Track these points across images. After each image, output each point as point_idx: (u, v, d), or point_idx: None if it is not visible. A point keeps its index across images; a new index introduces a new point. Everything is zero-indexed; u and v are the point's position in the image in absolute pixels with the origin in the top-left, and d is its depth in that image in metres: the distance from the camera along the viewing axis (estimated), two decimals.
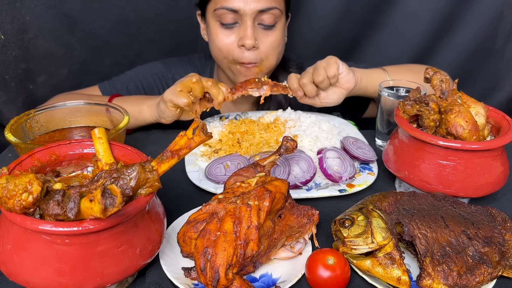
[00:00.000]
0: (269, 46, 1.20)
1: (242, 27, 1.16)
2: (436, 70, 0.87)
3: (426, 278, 0.64)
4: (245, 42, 1.15)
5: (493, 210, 0.76)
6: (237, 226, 0.64)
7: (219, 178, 0.92)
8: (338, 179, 0.92)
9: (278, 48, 1.23)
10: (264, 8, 1.14)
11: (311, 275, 0.66)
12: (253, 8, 1.13)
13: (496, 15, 1.54)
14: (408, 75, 1.18)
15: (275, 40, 1.21)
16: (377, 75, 1.19)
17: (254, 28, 1.16)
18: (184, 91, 1.00)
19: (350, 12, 1.58)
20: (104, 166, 0.67)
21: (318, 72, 1.06)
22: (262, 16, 1.16)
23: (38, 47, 1.42)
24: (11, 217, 0.55)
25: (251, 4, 1.13)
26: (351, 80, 1.10)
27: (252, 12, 1.14)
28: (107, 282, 0.59)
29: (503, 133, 0.83)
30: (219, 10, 1.15)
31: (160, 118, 1.08)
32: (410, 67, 1.28)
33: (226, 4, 1.14)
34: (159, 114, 1.07)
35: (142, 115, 1.12)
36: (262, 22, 1.17)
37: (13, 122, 0.88)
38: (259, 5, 1.13)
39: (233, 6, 1.13)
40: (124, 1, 1.49)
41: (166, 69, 1.36)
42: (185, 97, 0.99)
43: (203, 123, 0.65)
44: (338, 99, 1.13)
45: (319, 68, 1.06)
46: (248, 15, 1.14)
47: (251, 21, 1.15)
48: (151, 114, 1.10)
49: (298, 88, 1.09)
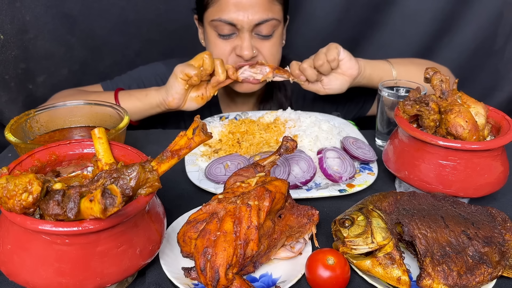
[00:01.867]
0: (267, 53, 1.21)
1: (239, 38, 1.16)
2: (436, 70, 0.87)
3: (426, 278, 0.64)
4: (243, 53, 1.16)
5: (493, 210, 0.76)
6: (237, 226, 0.64)
7: (219, 178, 0.92)
8: (338, 179, 0.92)
9: (276, 54, 1.25)
10: (262, 21, 1.14)
11: (311, 275, 0.66)
12: (250, 21, 1.13)
13: (496, 15, 1.54)
14: (412, 68, 1.19)
15: (272, 48, 1.21)
16: (381, 65, 1.20)
17: (251, 39, 1.16)
18: (195, 64, 1.05)
19: (350, 12, 1.58)
20: (104, 166, 0.67)
21: (318, 57, 1.08)
22: (259, 28, 1.16)
23: (38, 47, 1.42)
24: (11, 217, 0.55)
25: (248, 17, 1.12)
26: (353, 66, 1.10)
27: (249, 25, 1.13)
28: (107, 282, 0.59)
29: (503, 133, 0.83)
30: (215, 22, 1.15)
31: (167, 96, 1.10)
32: (414, 61, 1.29)
33: (223, 16, 1.13)
34: (166, 92, 1.09)
35: (148, 98, 1.13)
36: (260, 32, 1.17)
37: (13, 122, 0.88)
38: (256, 17, 1.13)
39: (230, 19, 1.13)
40: (124, 1, 1.49)
41: (168, 70, 1.35)
42: (195, 69, 1.04)
43: (203, 123, 0.65)
44: (341, 86, 1.14)
45: (320, 53, 1.08)
46: (245, 28, 1.14)
47: (248, 33, 1.15)
48: (158, 94, 1.12)
49: (300, 73, 1.11)
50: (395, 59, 1.25)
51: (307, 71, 1.10)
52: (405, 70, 1.17)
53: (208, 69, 1.05)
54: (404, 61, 1.26)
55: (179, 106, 1.12)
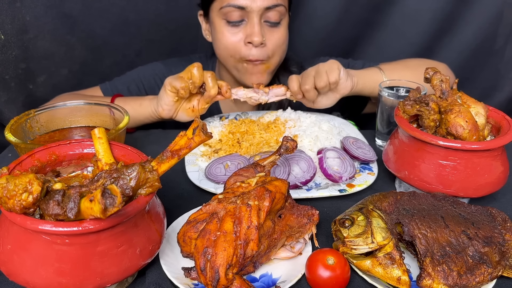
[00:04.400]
0: (276, 43, 1.21)
1: (249, 25, 1.16)
2: (436, 70, 0.87)
3: (426, 278, 0.64)
4: (253, 39, 1.16)
5: (493, 210, 0.76)
6: (237, 226, 0.64)
7: (219, 178, 0.92)
8: (338, 179, 0.92)
9: (284, 45, 1.25)
10: (271, 5, 1.15)
11: (311, 275, 0.66)
12: (260, 5, 1.14)
13: (496, 15, 1.54)
14: (405, 73, 1.19)
15: (281, 37, 1.22)
16: (373, 76, 1.20)
17: (261, 25, 1.17)
18: (184, 77, 1.03)
19: (350, 12, 1.58)
20: (104, 166, 0.67)
21: (321, 78, 1.05)
22: (268, 13, 1.16)
23: (38, 47, 1.42)
24: (11, 217, 0.55)
25: (258, 1, 1.13)
26: (348, 86, 1.11)
27: (259, 9, 1.14)
28: (107, 282, 0.59)
29: (503, 133, 0.83)
30: (225, 8, 1.15)
31: (158, 107, 1.09)
32: (407, 64, 1.28)
33: (233, 1, 1.14)
34: (158, 102, 1.09)
35: (142, 107, 1.13)
36: (268, 19, 1.18)
37: (13, 122, 0.88)
38: (265, 2, 1.14)
39: (240, 3, 1.14)
40: (124, 1, 1.49)
41: (167, 70, 1.36)
42: (182, 82, 1.02)
43: (203, 123, 0.65)
44: (331, 102, 1.14)
45: (322, 74, 1.05)
46: (255, 12, 1.14)
47: (258, 18, 1.15)
48: (150, 104, 1.12)
49: (299, 91, 1.08)
50: (389, 64, 1.25)
51: (310, 93, 1.07)
52: (398, 77, 1.17)
53: (196, 82, 1.03)
54: (398, 65, 1.25)
55: (170, 116, 1.10)
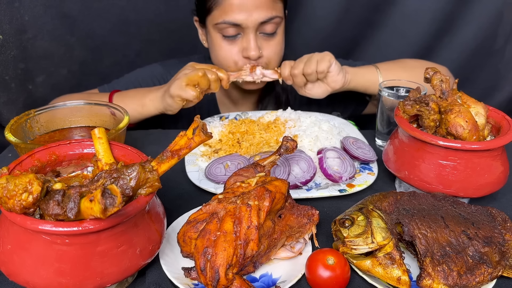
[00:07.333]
0: (272, 52, 1.22)
1: (245, 39, 1.17)
2: (436, 70, 0.87)
3: (426, 278, 0.64)
4: (249, 54, 1.17)
5: (493, 210, 0.76)
6: (237, 226, 0.63)
7: (219, 178, 0.92)
8: (338, 179, 0.92)
9: (280, 52, 1.26)
10: (266, 19, 1.15)
11: (311, 275, 0.66)
12: (255, 21, 1.14)
13: (496, 15, 1.54)
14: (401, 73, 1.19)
15: (277, 46, 1.23)
16: (369, 76, 1.21)
17: (256, 38, 1.18)
18: (190, 84, 1.04)
19: (350, 12, 1.58)
20: (104, 166, 0.67)
21: (310, 65, 1.09)
22: (264, 26, 1.17)
23: (37, 47, 1.42)
24: (11, 217, 0.55)
25: (253, 16, 1.13)
26: (339, 81, 1.13)
27: (254, 24, 1.15)
28: (107, 282, 0.59)
29: (503, 133, 0.83)
30: (220, 25, 1.16)
31: (166, 111, 1.12)
32: (404, 64, 1.29)
33: (227, 18, 1.14)
34: (165, 107, 1.11)
35: (146, 109, 1.15)
36: (264, 31, 1.19)
37: (13, 122, 0.88)
38: (260, 16, 1.14)
39: (234, 20, 1.14)
40: (124, 1, 1.49)
41: (166, 71, 1.36)
42: (193, 90, 1.04)
43: (203, 123, 0.65)
44: (322, 93, 1.17)
45: (312, 61, 1.09)
46: (250, 28, 1.15)
47: (253, 32, 1.16)
48: (155, 107, 1.13)
49: (289, 77, 1.13)
50: (386, 64, 1.25)
51: (297, 78, 1.12)
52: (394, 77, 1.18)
53: (204, 88, 1.08)
54: (394, 65, 1.26)
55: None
